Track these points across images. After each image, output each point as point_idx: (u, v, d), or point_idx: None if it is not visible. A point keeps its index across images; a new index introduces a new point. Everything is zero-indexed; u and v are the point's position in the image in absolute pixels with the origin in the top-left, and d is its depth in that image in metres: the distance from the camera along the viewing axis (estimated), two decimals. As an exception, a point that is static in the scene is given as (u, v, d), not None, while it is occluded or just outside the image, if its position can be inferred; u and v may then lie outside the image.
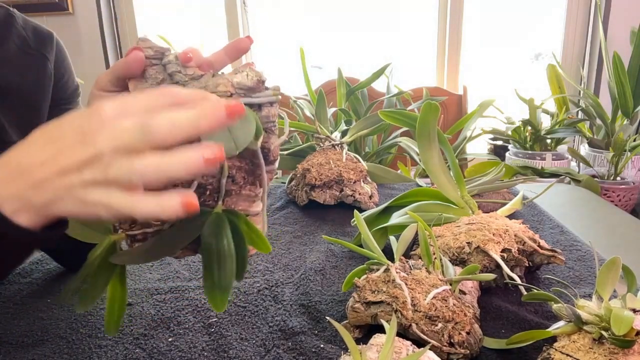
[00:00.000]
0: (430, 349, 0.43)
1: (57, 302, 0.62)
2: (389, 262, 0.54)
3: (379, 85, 1.78)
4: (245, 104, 0.37)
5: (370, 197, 0.94)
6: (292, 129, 1.21)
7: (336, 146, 1.04)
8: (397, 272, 0.52)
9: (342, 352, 0.49)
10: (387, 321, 0.45)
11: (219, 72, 0.41)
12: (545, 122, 1.92)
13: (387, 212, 0.76)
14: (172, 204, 0.32)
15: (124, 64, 0.39)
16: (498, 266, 0.59)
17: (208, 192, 0.38)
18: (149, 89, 0.38)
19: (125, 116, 0.32)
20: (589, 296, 0.53)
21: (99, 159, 0.32)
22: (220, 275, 0.35)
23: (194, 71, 0.39)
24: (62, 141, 0.33)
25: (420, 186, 1.05)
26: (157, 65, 0.39)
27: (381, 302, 0.51)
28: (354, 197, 0.92)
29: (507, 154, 1.92)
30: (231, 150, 0.34)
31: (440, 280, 0.53)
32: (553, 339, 0.46)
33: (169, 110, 0.33)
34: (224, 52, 0.43)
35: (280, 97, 0.39)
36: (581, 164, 1.90)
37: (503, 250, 0.60)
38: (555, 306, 0.47)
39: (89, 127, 0.33)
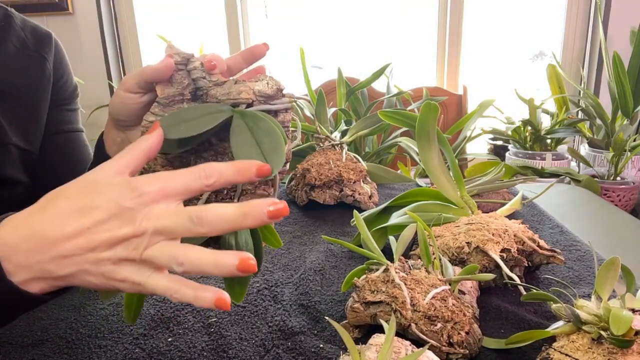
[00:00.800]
0: (429, 349, 0.43)
1: (57, 302, 0.62)
2: (389, 262, 0.54)
3: (379, 85, 1.78)
4: (264, 111, 0.39)
5: (370, 197, 0.94)
6: (292, 128, 1.21)
7: (336, 146, 1.04)
8: (396, 272, 0.52)
9: (342, 352, 0.49)
10: (386, 321, 0.45)
11: (234, 77, 0.43)
12: (545, 122, 1.92)
13: (387, 212, 0.76)
14: (207, 299, 0.32)
15: (155, 70, 0.40)
16: (497, 266, 0.59)
17: (225, 191, 0.39)
18: (174, 93, 0.40)
19: (167, 197, 0.33)
20: (588, 296, 0.53)
21: (138, 238, 0.32)
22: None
23: (218, 77, 0.40)
24: (93, 214, 0.32)
25: (420, 186, 1.05)
26: (182, 70, 0.40)
27: (380, 302, 0.51)
28: (354, 197, 0.92)
29: (507, 154, 1.92)
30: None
31: (440, 280, 0.53)
32: (552, 339, 0.46)
33: (207, 190, 0.34)
34: (240, 57, 0.46)
35: (294, 103, 0.41)
36: (581, 164, 1.90)
37: (502, 250, 0.60)
38: (554, 306, 0.47)
39: (126, 202, 0.32)
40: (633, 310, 0.43)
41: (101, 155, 0.54)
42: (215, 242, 0.40)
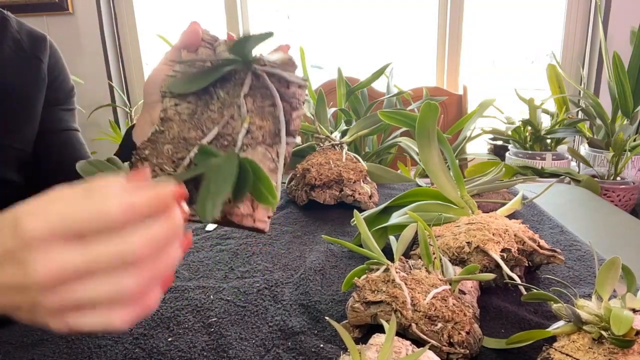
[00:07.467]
0: (429, 349, 0.43)
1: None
2: (389, 262, 0.54)
3: (379, 85, 1.78)
4: (275, 75, 0.41)
5: (370, 197, 0.94)
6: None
7: (336, 146, 1.04)
8: (396, 272, 0.52)
9: (342, 352, 0.49)
10: (386, 321, 0.45)
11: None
12: (545, 122, 1.92)
13: (387, 212, 0.76)
14: None
15: (183, 35, 0.44)
16: (498, 266, 0.59)
17: (226, 143, 0.40)
18: (198, 59, 0.44)
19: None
20: (588, 296, 0.53)
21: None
22: (217, 187, 0.34)
23: None
24: None
25: (420, 186, 1.05)
26: (208, 48, 0.45)
27: (381, 301, 0.51)
28: (354, 197, 0.92)
29: (507, 154, 1.92)
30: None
31: (440, 280, 0.53)
32: (553, 339, 0.46)
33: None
34: None
35: (308, 84, 0.43)
36: (581, 164, 1.90)
37: (503, 250, 0.60)
38: (554, 306, 0.47)
39: (8, 243, 0.29)
40: (634, 310, 0.43)
41: (126, 142, 0.56)
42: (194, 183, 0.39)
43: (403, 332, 0.48)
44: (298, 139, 0.43)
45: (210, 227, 0.86)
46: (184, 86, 0.42)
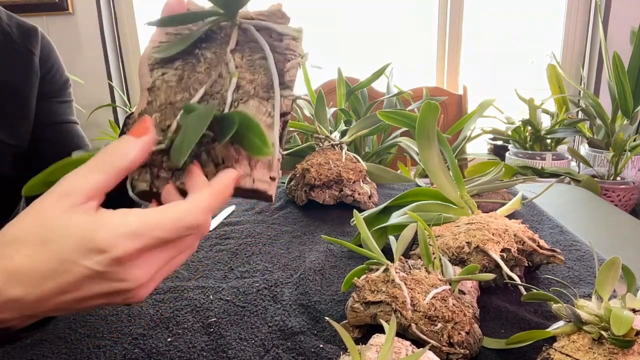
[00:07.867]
0: (429, 349, 0.43)
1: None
2: (389, 262, 0.54)
3: (379, 85, 1.78)
4: (264, 27, 0.40)
5: (370, 197, 0.94)
6: (291, 129, 1.21)
7: (335, 146, 1.04)
8: (396, 272, 0.52)
9: (342, 352, 0.48)
10: (386, 321, 0.45)
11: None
12: (545, 122, 1.92)
13: (387, 212, 0.76)
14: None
15: (166, 5, 0.42)
16: (497, 266, 0.59)
17: (216, 102, 0.39)
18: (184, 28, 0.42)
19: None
20: (588, 296, 0.52)
21: (131, 292, 0.32)
22: (190, 133, 0.34)
23: None
24: (66, 277, 0.30)
25: (420, 186, 1.05)
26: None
27: (380, 302, 0.50)
28: (354, 197, 0.92)
29: (507, 154, 1.92)
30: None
31: (440, 280, 0.53)
32: (552, 339, 0.46)
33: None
34: None
35: (302, 35, 0.41)
36: (581, 164, 1.90)
37: (502, 250, 0.60)
38: (554, 306, 0.47)
39: (97, 267, 0.30)
40: (634, 311, 0.43)
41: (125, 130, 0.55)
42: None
43: (403, 333, 0.48)
44: (296, 92, 0.41)
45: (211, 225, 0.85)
46: (167, 50, 0.40)
